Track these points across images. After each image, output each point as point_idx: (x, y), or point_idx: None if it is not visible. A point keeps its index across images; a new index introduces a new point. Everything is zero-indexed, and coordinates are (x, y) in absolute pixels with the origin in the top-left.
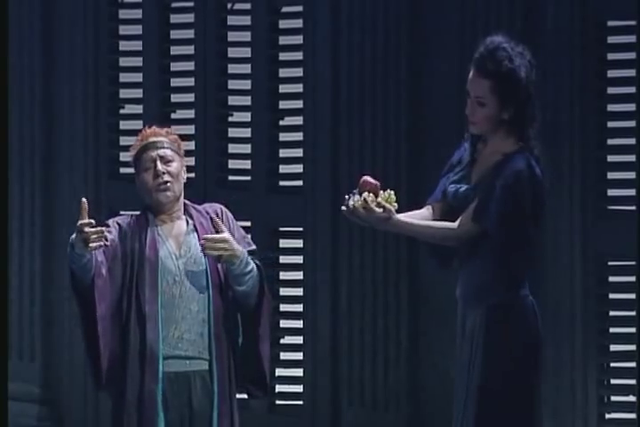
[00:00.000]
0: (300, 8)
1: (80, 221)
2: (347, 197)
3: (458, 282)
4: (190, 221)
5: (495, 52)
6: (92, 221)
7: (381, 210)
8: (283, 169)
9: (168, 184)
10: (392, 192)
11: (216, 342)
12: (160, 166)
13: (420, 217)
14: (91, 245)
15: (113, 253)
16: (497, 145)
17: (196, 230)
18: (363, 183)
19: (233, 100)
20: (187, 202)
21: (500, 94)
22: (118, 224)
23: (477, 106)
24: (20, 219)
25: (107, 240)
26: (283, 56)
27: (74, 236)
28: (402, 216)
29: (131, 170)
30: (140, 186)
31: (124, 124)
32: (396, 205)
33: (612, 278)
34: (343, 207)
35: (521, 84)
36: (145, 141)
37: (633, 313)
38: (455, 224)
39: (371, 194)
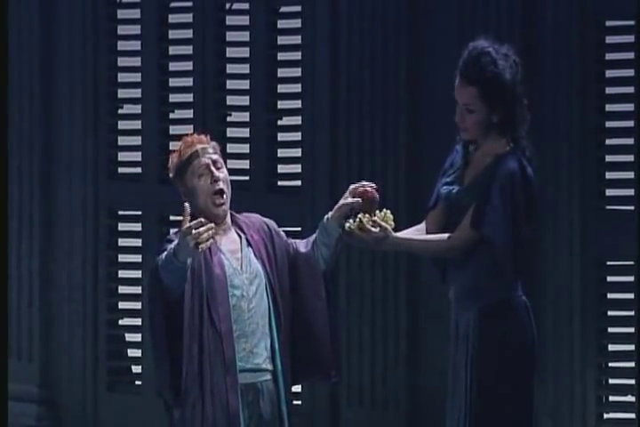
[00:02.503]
0: (298, 8)
1: (187, 224)
2: (343, 220)
3: (451, 283)
4: (242, 235)
5: (479, 58)
6: (202, 219)
7: (377, 229)
8: (281, 169)
9: (224, 196)
10: (388, 211)
11: (281, 353)
12: (216, 172)
13: (418, 232)
14: (202, 245)
15: None
16: (489, 147)
17: (250, 244)
18: (362, 192)
19: (231, 100)
20: (231, 211)
21: (487, 100)
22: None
23: (466, 113)
24: (19, 219)
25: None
26: (281, 56)
27: (174, 243)
28: (400, 234)
29: (129, 170)
30: (193, 195)
31: (122, 124)
32: (392, 224)
33: (610, 278)
34: (340, 230)
35: (507, 86)
36: (194, 148)
37: (632, 313)
38: (454, 234)
39: (366, 215)
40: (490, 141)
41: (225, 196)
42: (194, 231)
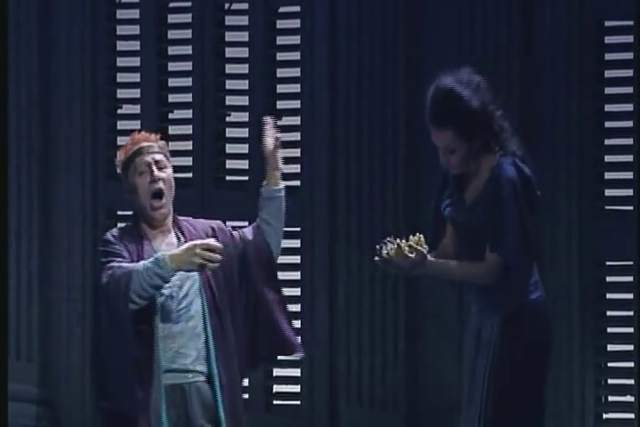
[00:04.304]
0: (297, 8)
1: (195, 242)
2: (378, 246)
3: (471, 295)
4: (182, 237)
5: (444, 100)
6: (212, 242)
7: (414, 255)
8: None
9: (162, 199)
10: (421, 236)
11: (216, 355)
12: (156, 172)
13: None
14: (210, 265)
15: None
16: (481, 164)
17: None
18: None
19: (230, 100)
20: (174, 214)
21: (465, 136)
22: (119, 239)
23: (449, 153)
24: (18, 219)
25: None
26: (280, 56)
27: (182, 256)
28: (434, 259)
29: None
30: (133, 190)
31: (121, 125)
32: (426, 247)
33: (609, 278)
34: (376, 258)
35: (479, 115)
36: (138, 145)
37: (631, 313)
38: (486, 262)
39: (403, 240)
40: (481, 160)
41: (164, 198)
42: (201, 251)
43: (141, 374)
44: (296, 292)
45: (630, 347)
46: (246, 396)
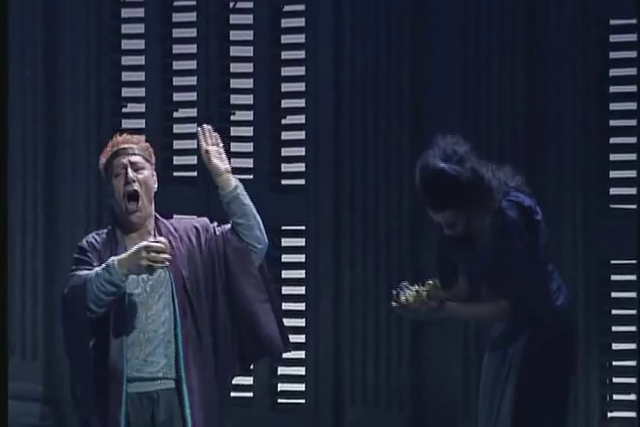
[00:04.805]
0: (302, 7)
1: (146, 243)
2: (394, 292)
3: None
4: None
5: (436, 185)
6: (162, 239)
7: (431, 300)
8: (285, 168)
9: (138, 202)
10: (437, 281)
11: (185, 362)
12: (131, 173)
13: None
14: (156, 267)
15: None
16: (480, 215)
17: None
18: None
19: (235, 99)
20: (157, 216)
21: (464, 210)
22: (93, 246)
23: (451, 227)
24: (23, 218)
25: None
26: (285, 55)
27: (130, 260)
28: (450, 303)
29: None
30: (111, 195)
31: (126, 123)
32: (443, 292)
33: (614, 277)
34: (394, 303)
35: (472, 186)
36: (116, 147)
37: (635, 312)
38: (503, 303)
39: (419, 286)
40: (479, 213)
41: (140, 200)
42: (146, 253)
43: (104, 383)
44: (301, 290)
45: (634, 346)
46: (250, 394)
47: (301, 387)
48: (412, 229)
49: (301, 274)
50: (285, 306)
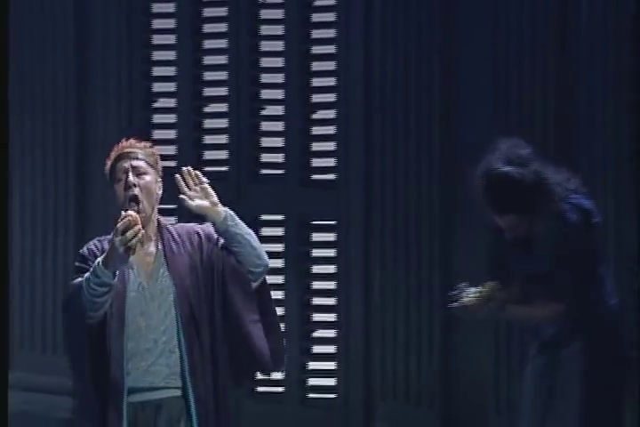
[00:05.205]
0: (332, 1)
1: (116, 227)
2: (454, 293)
3: (547, 326)
4: (161, 246)
5: (501, 188)
6: (129, 218)
7: (491, 302)
8: (315, 163)
9: (139, 206)
10: (497, 282)
11: (190, 372)
12: (132, 178)
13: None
14: (131, 249)
15: None
16: (540, 216)
17: (167, 258)
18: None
19: (265, 94)
20: (161, 220)
21: (527, 213)
22: (94, 254)
23: (514, 230)
24: (55, 216)
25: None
26: (315, 50)
27: (110, 254)
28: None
29: (164, 163)
30: (116, 198)
31: (157, 118)
32: (502, 294)
33: None
34: (454, 304)
35: (536, 189)
36: (119, 152)
37: None
38: (558, 305)
39: (482, 287)
40: (543, 216)
41: (140, 205)
42: (119, 238)
43: (104, 394)
44: (331, 285)
45: None
46: (281, 389)
47: (332, 382)
48: (443, 223)
49: (332, 269)
50: (316, 301)
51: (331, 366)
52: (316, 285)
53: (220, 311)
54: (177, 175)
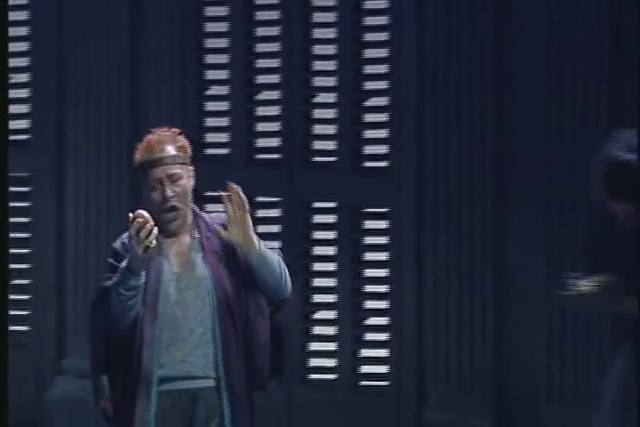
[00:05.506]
0: None
1: (132, 229)
2: (569, 281)
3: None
4: (197, 235)
5: (623, 176)
6: (141, 217)
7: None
8: (368, 150)
9: (178, 212)
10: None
11: (224, 362)
12: (168, 190)
13: None
14: (150, 248)
15: None
16: None
17: (203, 248)
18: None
19: (317, 81)
20: (196, 210)
21: None
22: (127, 249)
23: (630, 218)
24: (108, 205)
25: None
26: (368, 37)
27: (133, 255)
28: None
29: (218, 151)
30: (147, 202)
31: (209, 106)
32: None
33: None
34: (568, 292)
35: None
36: (152, 156)
37: None
38: None
39: (597, 278)
40: None
41: (178, 211)
42: (135, 239)
43: (134, 383)
44: (383, 273)
45: None
46: (333, 377)
47: (384, 369)
48: (496, 211)
49: (384, 256)
50: (368, 288)
51: (383, 353)
52: (369, 272)
53: (252, 300)
54: (223, 195)
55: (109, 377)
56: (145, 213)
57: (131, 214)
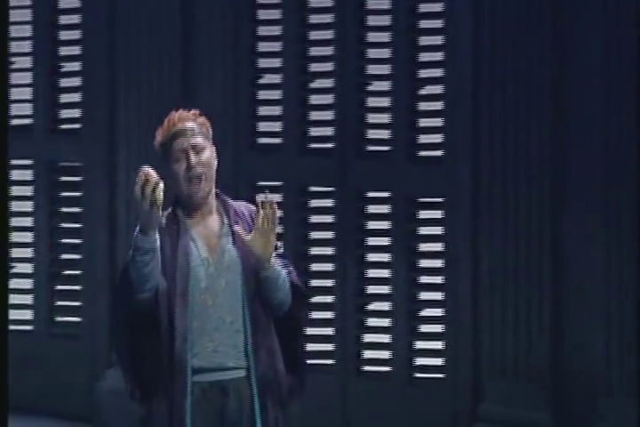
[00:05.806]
0: None
1: (136, 190)
2: None
3: None
4: (226, 220)
5: None
6: (144, 173)
7: None
8: (422, 139)
9: (201, 183)
10: None
11: (254, 352)
12: (193, 158)
13: None
14: (157, 202)
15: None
16: None
17: (232, 232)
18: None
19: (372, 69)
20: (219, 193)
21: None
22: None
23: None
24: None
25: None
26: (422, 24)
27: (141, 217)
28: None
29: (272, 140)
30: (170, 177)
31: (262, 94)
32: None
33: None
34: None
35: None
36: (174, 129)
37: None
38: None
39: None
40: None
41: (203, 181)
42: (141, 198)
43: (168, 374)
44: (438, 263)
45: None
46: (388, 369)
47: (439, 361)
48: (553, 201)
49: (439, 247)
50: (423, 279)
51: (438, 345)
52: (423, 263)
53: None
54: (259, 201)
55: (139, 366)
56: (149, 169)
57: (138, 172)
